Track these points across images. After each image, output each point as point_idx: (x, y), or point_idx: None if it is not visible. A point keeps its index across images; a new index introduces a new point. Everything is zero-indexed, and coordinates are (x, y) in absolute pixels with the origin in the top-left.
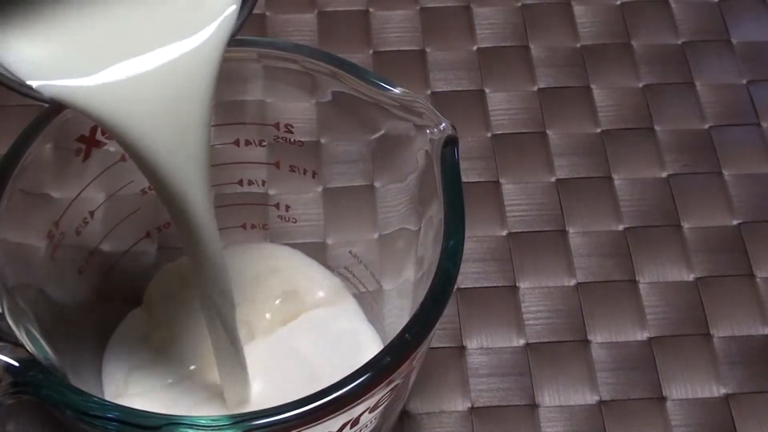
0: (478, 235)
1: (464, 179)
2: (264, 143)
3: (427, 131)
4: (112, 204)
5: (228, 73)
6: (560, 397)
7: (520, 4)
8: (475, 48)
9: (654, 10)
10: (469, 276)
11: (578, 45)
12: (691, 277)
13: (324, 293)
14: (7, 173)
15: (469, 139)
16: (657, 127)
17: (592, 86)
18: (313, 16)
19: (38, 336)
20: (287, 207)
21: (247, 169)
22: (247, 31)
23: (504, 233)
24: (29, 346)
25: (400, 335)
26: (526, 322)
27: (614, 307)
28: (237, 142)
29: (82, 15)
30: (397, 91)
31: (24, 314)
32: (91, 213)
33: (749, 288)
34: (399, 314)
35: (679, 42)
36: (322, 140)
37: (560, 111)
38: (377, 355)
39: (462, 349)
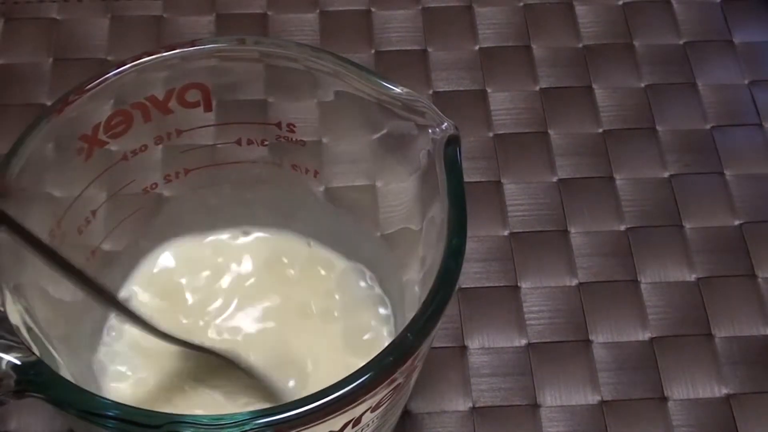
0: (480, 235)
1: (466, 179)
2: (266, 143)
3: (429, 131)
4: (114, 203)
5: (230, 73)
6: (562, 397)
7: (522, 4)
8: (476, 48)
9: (656, 11)
10: (470, 276)
11: (580, 45)
12: (692, 277)
13: None
14: (8, 172)
15: (471, 139)
16: (659, 128)
17: (594, 86)
18: (314, 15)
19: (40, 335)
20: None
21: (248, 168)
22: (249, 30)
23: (505, 233)
24: (32, 346)
25: (402, 334)
26: (527, 322)
27: (616, 307)
28: (239, 142)
29: None
30: (399, 90)
31: (27, 314)
32: (93, 212)
33: (751, 288)
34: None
35: (681, 42)
36: (324, 140)
37: (562, 111)
38: (379, 354)
39: (463, 348)
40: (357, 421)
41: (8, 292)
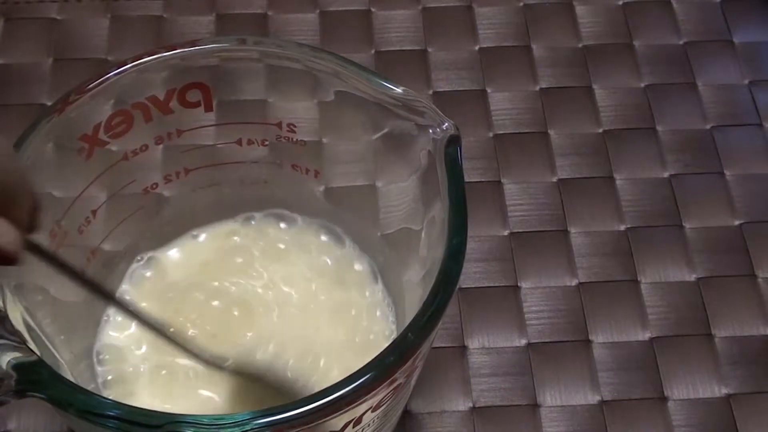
0: (480, 235)
1: (466, 179)
2: (266, 143)
3: (430, 131)
4: (114, 203)
5: (230, 73)
6: (562, 397)
7: (522, 4)
8: (476, 48)
9: (656, 11)
10: (470, 276)
11: (580, 45)
12: (692, 278)
13: None
14: None
15: (471, 139)
16: (659, 128)
17: (594, 86)
18: (315, 15)
19: (41, 335)
20: None
21: (249, 168)
22: (249, 30)
23: (506, 233)
24: (33, 345)
25: (403, 335)
26: (527, 322)
27: (616, 307)
28: (239, 142)
29: None
30: (399, 90)
31: (27, 313)
32: (93, 212)
33: (751, 288)
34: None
35: (681, 42)
36: (325, 140)
37: (562, 111)
38: (380, 354)
39: (463, 348)
40: (358, 421)
41: (9, 292)
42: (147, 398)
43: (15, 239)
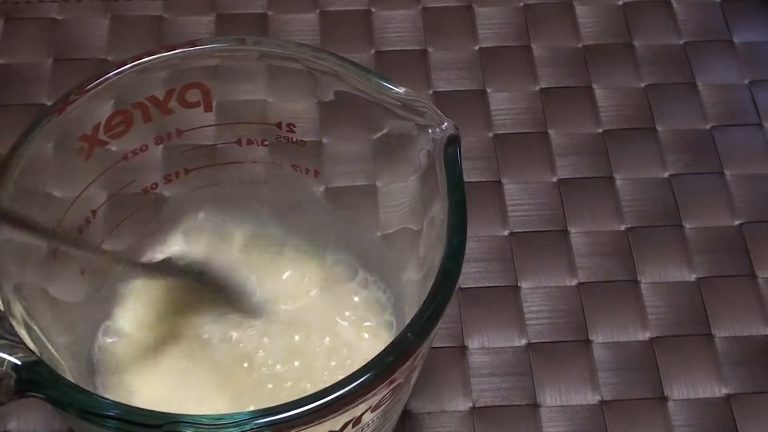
0: (480, 235)
1: (466, 179)
2: (266, 143)
3: (430, 131)
4: (114, 203)
5: (230, 73)
6: (561, 397)
7: (521, 3)
8: (476, 48)
9: (656, 10)
10: (470, 276)
11: (580, 45)
12: (692, 277)
13: None
14: (8, 172)
15: (471, 139)
16: (659, 127)
17: (594, 86)
18: (314, 15)
19: (41, 335)
20: None
21: (248, 168)
22: (249, 30)
23: (506, 233)
24: (32, 345)
25: (402, 334)
26: (527, 322)
27: (616, 307)
28: (239, 142)
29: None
30: (399, 90)
31: (27, 313)
32: (93, 212)
33: (751, 288)
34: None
35: (681, 42)
36: (324, 140)
37: (562, 111)
38: (379, 354)
39: (463, 348)
40: (357, 421)
41: (9, 292)
42: (148, 394)
43: None
